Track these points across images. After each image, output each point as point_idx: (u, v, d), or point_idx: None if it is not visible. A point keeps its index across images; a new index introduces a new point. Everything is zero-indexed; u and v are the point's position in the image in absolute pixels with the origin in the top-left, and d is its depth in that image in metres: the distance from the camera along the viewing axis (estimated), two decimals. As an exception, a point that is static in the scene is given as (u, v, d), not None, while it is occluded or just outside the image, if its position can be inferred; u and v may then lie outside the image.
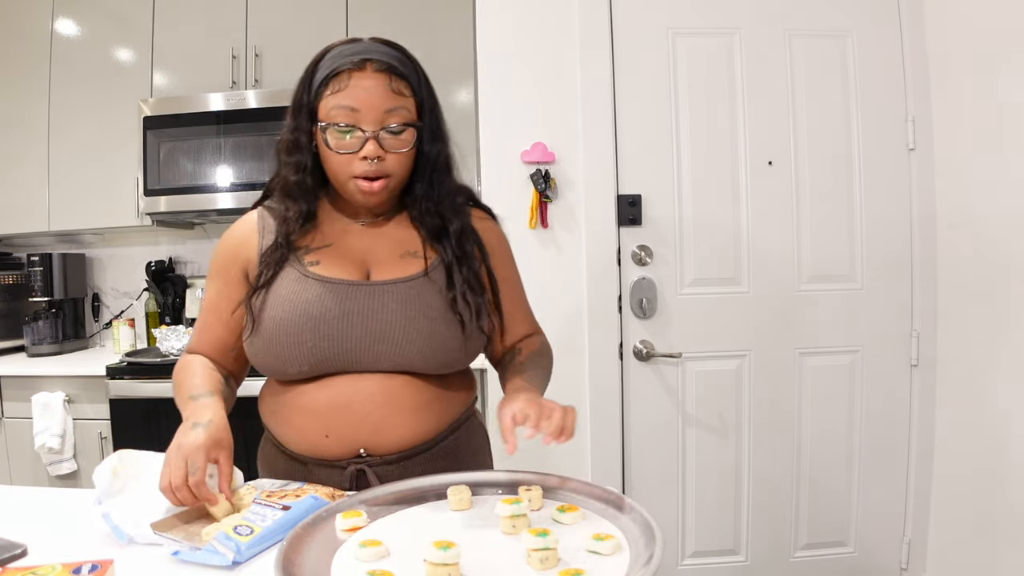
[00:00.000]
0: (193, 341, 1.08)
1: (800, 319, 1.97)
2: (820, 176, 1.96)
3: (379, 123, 0.93)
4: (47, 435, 2.15)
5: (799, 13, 1.95)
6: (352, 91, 0.92)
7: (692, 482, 1.99)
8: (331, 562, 0.72)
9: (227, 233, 1.06)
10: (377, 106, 0.92)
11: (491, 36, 1.95)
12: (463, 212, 1.06)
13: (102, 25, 2.48)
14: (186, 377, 1.01)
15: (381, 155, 0.93)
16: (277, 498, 0.84)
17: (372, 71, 0.92)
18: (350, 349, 0.94)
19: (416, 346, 0.95)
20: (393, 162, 0.95)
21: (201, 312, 1.07)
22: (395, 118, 0.94)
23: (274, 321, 0.95)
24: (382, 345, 0.94)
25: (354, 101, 0.92)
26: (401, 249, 1.02)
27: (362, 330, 0.94)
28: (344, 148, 0.93)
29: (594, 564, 0.69)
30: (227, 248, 1.04)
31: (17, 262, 2.74)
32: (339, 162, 0.95)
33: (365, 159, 0.93)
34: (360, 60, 0.92)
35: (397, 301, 0.96)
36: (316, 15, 2.38)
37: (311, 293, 0.95)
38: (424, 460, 0.98)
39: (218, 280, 1.04)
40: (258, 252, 1.00)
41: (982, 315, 1.80)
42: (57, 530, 0.87)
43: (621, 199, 1.93)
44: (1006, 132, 1.68)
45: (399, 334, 0.95)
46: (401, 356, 0.95)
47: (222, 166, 2.33)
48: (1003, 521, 1.72)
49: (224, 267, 1.04)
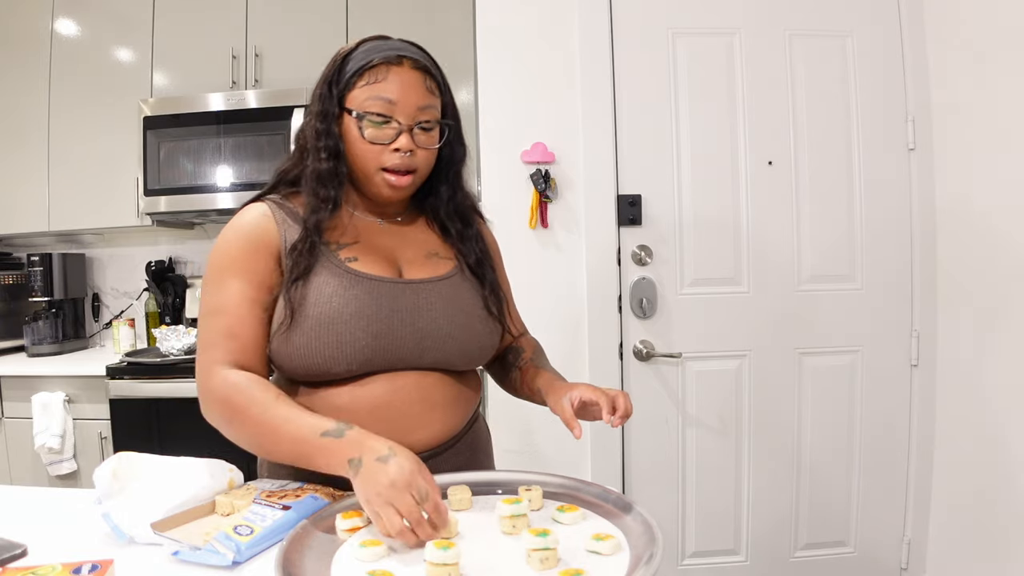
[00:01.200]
0: (227, 348, 0.90)
1: (800, 319, 1.97)
2: (820, 176, 1.96)
3: (413, 118, 0.94)
4: (47, 435, 2.15)
5: (799, 13, 1.95)
6: (390, 84, 0.93)
7: (692, 482, 1.99)
8: (331, 562, 0.72)
9: (238, 227, 0.96)
10: (413, 101, 0.94)
11: (491, 36, 1.95)
12: (477, 216, 1.11)
13: (102, 25, 2.48)
14: (271, 406, 0.86)
15: (413, 148, 0.94)
16: (277, 498, 0.84)
17: (409, 67, 0.94)
18: (399, 347, 0.94)
19: (458, 342, 0.98)
20: (422, 158, 0.97)
21: (224, 312, 0.92)
22: (427, 115, 0.96)
23: (320, 318, 0.90)
24: (428, 342, 0.95)
25: (392, 93, 0.93)
26: (424, 250, 1.03)
27: (411, 328, 0.95)
28: (378, 139, 0.94)
29: (594, 564, 0.69)
30: (247, 240, 0.94)
31: (17, 262, 2.74)
32: (370, 153, 0.94)
33: (397, 151, 0.94)
34: (397, 56, 0.94)
35: (440, 299, 0.98)
36: (316, 15, 2.38)
37: (360, 290, 0.93)
38: (449, 456, 0.99)
39: (247, 271, 0.93)
40: (281, 242, 0.94)
41: (982, 315, 1.80)
42: (57, 530, 0.87)
43: (621, 199, 1.93)
44: (1006, 132, 1.68)
45: (443, 331, 0.97)
46: (442, 353, 0.97)
47: (222, 166, 2.33)
48: (1003, 521, 1.72)
49: (250, 259, 0.93)
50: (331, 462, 0.81)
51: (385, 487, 0.74)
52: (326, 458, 0.81)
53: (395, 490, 0.74)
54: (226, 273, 0.93)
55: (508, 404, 1.04)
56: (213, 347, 0.91)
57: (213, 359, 0.90)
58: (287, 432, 0.84)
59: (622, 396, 0.96)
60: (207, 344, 0.92)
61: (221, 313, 0.92)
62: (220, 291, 0.93)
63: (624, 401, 0.95)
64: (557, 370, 1.11)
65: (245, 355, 0.91)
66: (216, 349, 0.91)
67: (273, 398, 0.87)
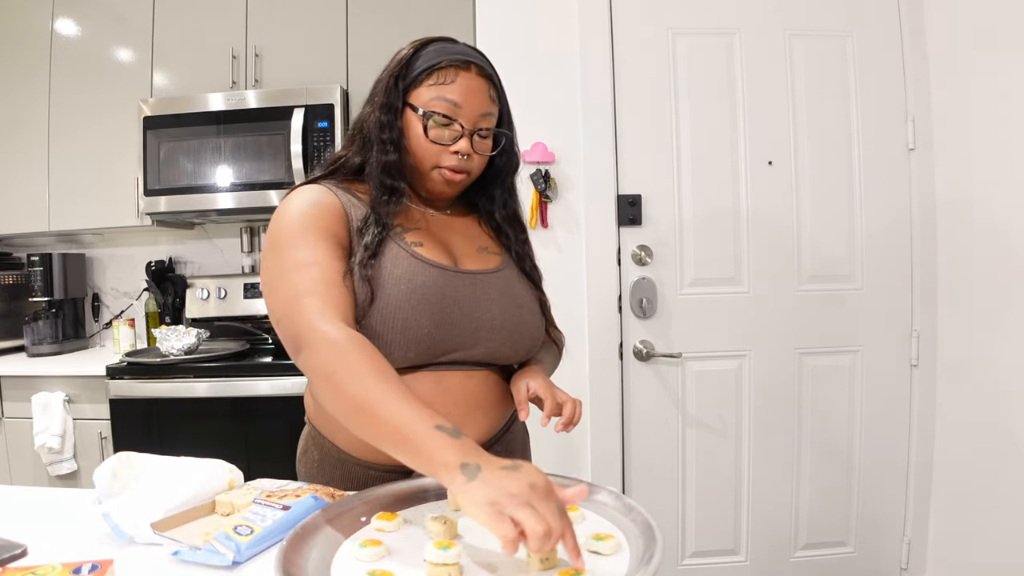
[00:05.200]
0: (328, 298, 0.83)
1: (800, 319, 1.97)
2: (820, 176, 1.96)
3: (474, 123, 0.97)
4: (47, 435, 2.15)
5: (799, 13, 1.95)
6: (458, 87, 0.95)
7: (692, 482, 1.99)
8: (331, 562, 0.72)
9: (305, 199, 0.93)
10: (477, 107, 0.96)
11: (491, 36, 1.95)
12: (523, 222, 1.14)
13: (102, 25, 2.48)
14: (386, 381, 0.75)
15: (471, 153, 0.97)
16: (277, 498, 0.84)
17: (476, 73, 0.96)
18: (456, 336, 0.94)
19: (509, 334, 0.99)
20: (477, 162, 0.99)
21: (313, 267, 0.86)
22: (488, 122, 0.98)
23: (389, 300, 0.89)
24: (483, 333, 0.96)
25: (459, 97, 0.95)
26: (475, 244, 1.05)
27: (469, 318, 0.95)
28: (440, 139, 0.96)
29: (594, 564, 0.68)
30: (320, 208, 0.92)
31: (17, 262, 2.74)
32: (431, 151, 0.96)
33: (456, 153, 0.96)
34: (465, 61, 0.96)
35: (496, 290, 0.99)
36: (316, 15, 2.38)
37: (426, 276, 0.93)
38: None
39: (325, 238, 0.89)
40: (348, 217, 0.93)
41: (982, 315, 1.80)
42: (57, 530, 0.87)
43: (621, 199, 1.93)
44: (1006, 132, 1.69)
45: (497, 322, 0.97)
46: (496, 344, 0.97)
47: (222, 166, 2.33)
48: (1003, 521, 1.72)
49: (327, 224, 0.90)
50: (435, 457, 0.68)
51: (524, 489, 0.63)
52: (431, 452, 0.69)
53: (536, 494, 0.63)
54: (297, 239, 0.88)
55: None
56: (312, 295, 0.82)
57: (315, 307, 0.81)
58: (395, 411, 0.72)
59: (570, 404, 0.97)
60: (304, 291, 0.83)
61: (313, 265, 0.86)
62: (303, 249, 0.87)
63: (570, 409, 0.96)
64: (556, 358, 1.15)
65: (347, 311, 0.84)
66: (316, 297, 0.82)
67: (386, 367, 0.77)
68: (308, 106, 2.26)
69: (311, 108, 2.26)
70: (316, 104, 2.26)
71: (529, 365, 1.05)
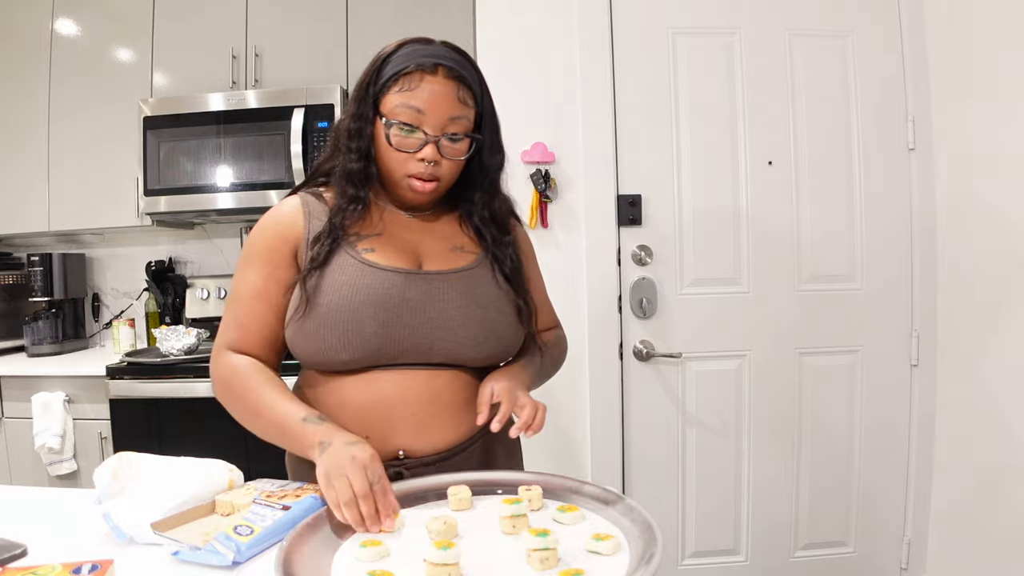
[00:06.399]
0: (234, 336, 0.98)
1: (800, 319, 1.97)
2: (820, 176, 1.96)
3: (441, 129, 0.94)
4: (47, 435, 2.15)
5: (799, 13, 1.95)
6: (421, 93, 0.93)
7: (692, 482, 1.99)
8: (331, 562, 0.72)
9: (268, 217, 1.01)
10: (442, 112, 0.94)
11: (491, 36, 1.95)
12: (513, 220, 1.12)
13: (102, 25, 2.48)
14: (261, 390, 0.94)
15: (438, 159, 0.95)
16: (277, 498, 0.84)
17: (443, 76, 0.94)
18: (408, 337, 0.94)
19: (471, 334, 0.97)
20: (447, 168, 0.98)
21: (239, 301, 0.99)
22: (457, 127, 0.96)
23: (331, 306, 0.93)
24: (439, 333, 0.95)
25: (421, 103, 0.93)
26: (449, 244, 1.04)
27: (421, 318, 0.95)
28: (404, 147, 0.95)
29: (594, 564, 0.69)
30: (273, 230, 1.00)
31: (17, 262, 2.74)
32: (397, 159, 0.96)
33: (422, 161, 0.95)
34: (433, 64, 0.93)
35: (455, 290, 0.98)
36: (316, 15, 2.38)
37: (371, 279, 0.94)
38: (460, 461, 0.98)
39: (264, 264, 0.98)
40: (306, 235, 0.98)
41: (982, 315, 1.80)
42: (57, 530, 0.87)
43: (621, 199, 1.93)
44: (1006, 132, 1.68)
45: (456, 322, 0.96)
46: (455, 345, 0.96)
47: (222, 166, 2.33)
48: (1003, 521, 1.72)
49: (271, 249, 0.99)
50: (304, 444, 0.87)
51: (346, 462, 0.80)
52: (301, 440, 0.88)
53: (353, 466, 0.80)
54: (251, 262, 1.00)
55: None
56: (224, 332, 0.99)
57: (221, 343, 0.99)
58: (273, 414, 0.91)
59: (530, 407, 0.93)
60: (221, 329, 1.00)
61: (235, 302, 0.99)
62: (239, 280, 1.00)
63: (528, 413, 0.93)
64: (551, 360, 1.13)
65: (250, 344, 0.98)
66: (226, 334, 0.99)
67: (265, 381, 0.94)
68: (308, 106, 2.26)
69: (311, 108, 2.26)
70: (316, 104, 2.26)
71: (502, 368, 1.03)
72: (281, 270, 0.98)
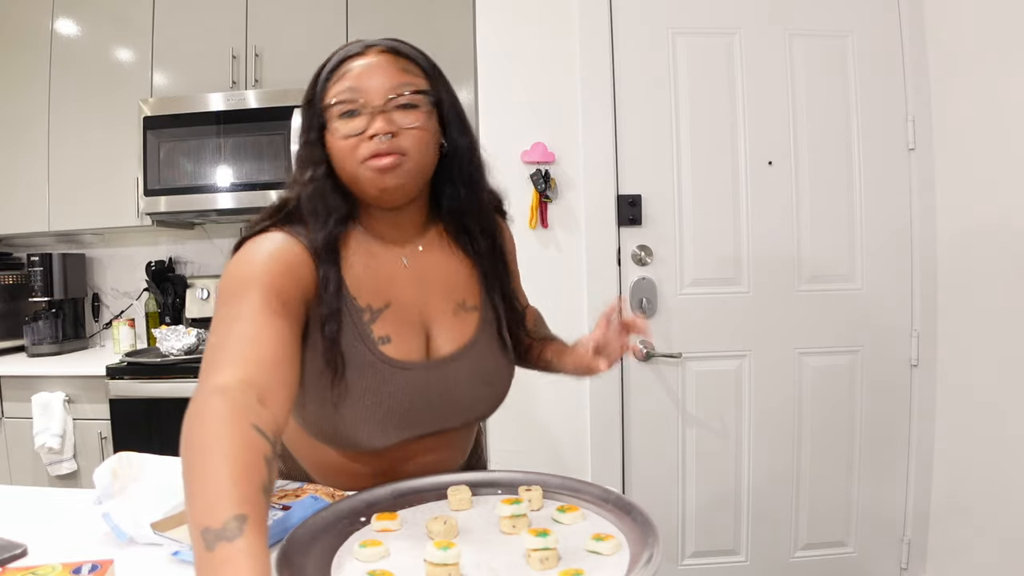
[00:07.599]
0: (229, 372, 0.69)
1: (800, 319, 1.97)
2: (820, 176, 1.96)
3: (383, 97, 0.84)
4: (47, 435, 2.15)
5: (799, 13, 1.95)
6: (351, 72, 0.86)
7: (692, 482, 1.99)
8: (331, 562, 0.72)
9: (258, 253, 0.82)
10: (379, 81, 0.85)
11: (491, 36, 1.95)
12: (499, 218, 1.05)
13: (102, 25, 2.48)
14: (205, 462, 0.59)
15: (393, 130, 0.84)
16: (277, 498, 0.84)
17: (375, 53, 0.87)
18: (422, 427, 0.94)
19: (480, 412, 0.99)
20: (408, 139, 0.85)
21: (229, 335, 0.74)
22: (403, 94, 0.85)
23: (353, 418, 0.88)
24: (451, 417, 0.96)
25: (353, 81, 0.85)
26: (452, 300, 0.97)
27: (438, 412, 0.95)
28: (350, 131, 0.85)
29: (594, 564, 0.69)
30: (277, 266, 0.81)
31: (17, 262, 2.74)
32: (347, 148, 0.85)
33: (373, 137, 0.83)
34: (362, 47, 0.88)
35: (464, 372, 0.95)
36: (316, 15, 2.38)
37: (394, 386, 0.89)
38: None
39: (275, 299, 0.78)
40: (317, 282, 0.85)
41: (982, 315, 1.80)
42: (57, 530, 0.87)
43: (621, 199, 1.93)
44: (1006, 132, 1.68)
45: (467, 404, 0.97)
46: (463, 420, 0.98)
47: (222, 166, 2.33)
48: (1003, 521, 1.72)
49: (282, 285, 0.80)
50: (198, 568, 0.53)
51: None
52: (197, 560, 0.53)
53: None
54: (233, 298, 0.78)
55: (507, 404, 1.04)
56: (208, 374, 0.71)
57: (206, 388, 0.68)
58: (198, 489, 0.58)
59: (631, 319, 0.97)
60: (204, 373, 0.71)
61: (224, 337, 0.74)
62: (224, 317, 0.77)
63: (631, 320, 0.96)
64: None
65: (260, 368, 0.71)
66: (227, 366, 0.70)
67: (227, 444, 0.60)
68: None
69: (311, 108, 2.26)
70: (316, 104, 2.26)
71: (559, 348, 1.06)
72: (296, 314, 0.81)
